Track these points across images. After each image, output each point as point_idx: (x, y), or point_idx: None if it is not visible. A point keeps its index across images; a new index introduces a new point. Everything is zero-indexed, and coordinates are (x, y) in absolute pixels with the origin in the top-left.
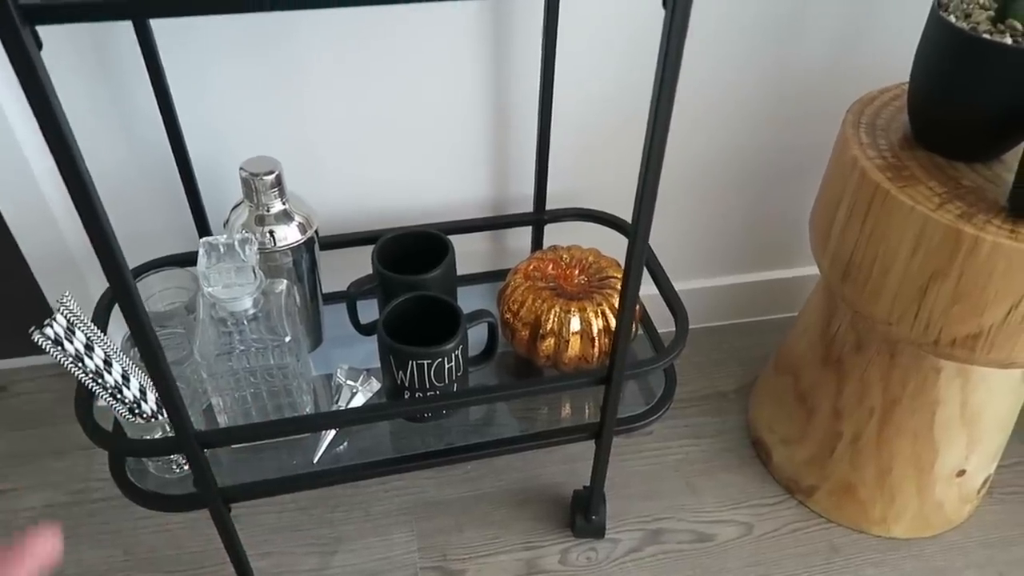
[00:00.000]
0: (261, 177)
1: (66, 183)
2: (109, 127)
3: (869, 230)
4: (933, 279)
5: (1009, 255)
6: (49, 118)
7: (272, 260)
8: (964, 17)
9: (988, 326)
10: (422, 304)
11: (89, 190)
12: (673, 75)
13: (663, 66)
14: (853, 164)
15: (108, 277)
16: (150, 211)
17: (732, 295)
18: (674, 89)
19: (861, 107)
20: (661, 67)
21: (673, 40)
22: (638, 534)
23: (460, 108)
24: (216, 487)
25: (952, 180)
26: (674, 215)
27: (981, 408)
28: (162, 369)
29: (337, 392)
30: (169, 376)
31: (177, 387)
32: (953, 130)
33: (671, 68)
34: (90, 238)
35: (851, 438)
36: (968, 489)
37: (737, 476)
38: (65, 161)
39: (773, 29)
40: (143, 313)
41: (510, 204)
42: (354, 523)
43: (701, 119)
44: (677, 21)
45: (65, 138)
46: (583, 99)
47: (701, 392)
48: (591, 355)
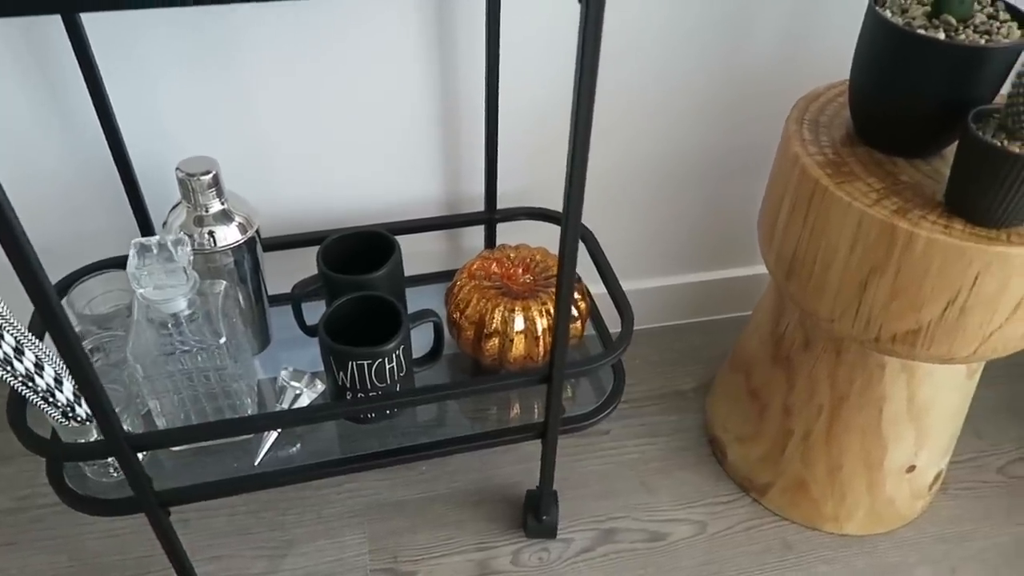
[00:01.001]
0: (198, 177)
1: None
2: (47, 126)
3: (810, 227)
4: (872, 275)
5: (944, 250)
6: None
7: (212, 261)
8: (900, 12)
9: (927, 322)
10: (367, 304)
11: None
12: (592, 71)
13: (581, 64)
14: (794, 161)
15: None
16: (92, 211)
17: (690, 294)
18: (594, 82)
19: (806, 104)
20: (579, 63)
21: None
22: (591, 534)
23: (407, 107)
24: (152, 491)
25: (891, 176)
26: (630, 214)
27: (928, 403)
28: (84, 368)
29: (281, 394)
30: (93, 375)
31: (104, 391)
32: (892, 126)
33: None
34: (7, 254)
35: (802, 435)
36: (919, 485)
37: (693, 475)
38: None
39: (720, 27)
40: (62, 314)
41: (464, 203)
42: (305, 526)
43: (652, 118)
44: (592, 14)
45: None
46: (531, 97)
47: (659, 391)
48: (536, 354)
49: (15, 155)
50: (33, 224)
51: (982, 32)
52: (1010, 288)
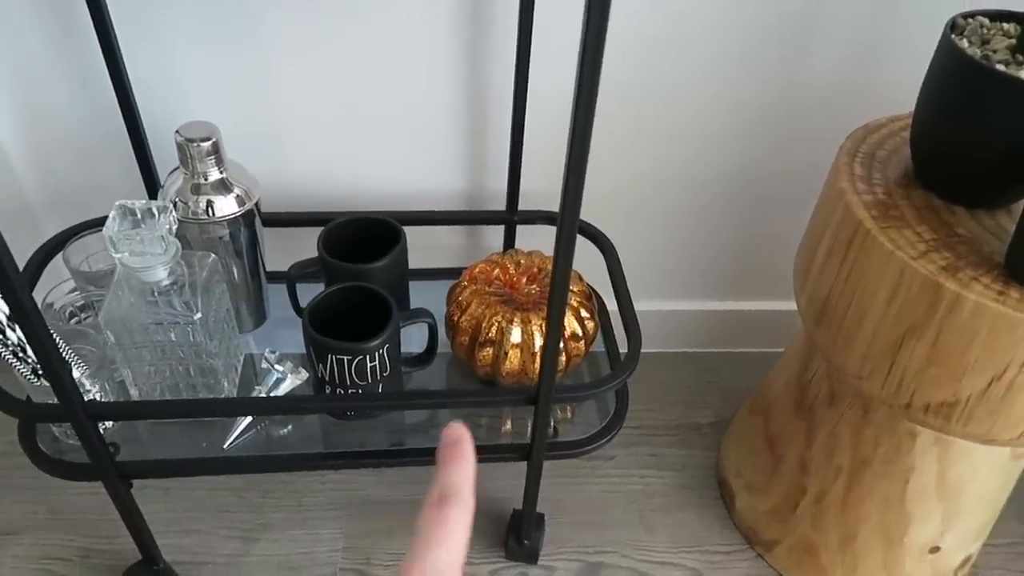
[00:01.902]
0: (197, 143)
1: None
2: (59, 69)
3: (847, 272)
4: (908, 335)
5: (995, 319)
6: None
7: (207, 232)
8: (980, 43)
9: (966, 395)
10: (361, 296)
11: None
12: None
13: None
14: (839, 197)
15: None
16: (102, 162)
17: (722, 321)
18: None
19: (864, 134)
20: (584, 39)
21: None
22: (575, 565)
23: (433, 90)
24: (112, 461)
25: (946, 226)
26: (663, 229)
27: (961, 482)
28: (37, 332)
29: (263, 376)
30: (48, 340)
31: (57, 349)
32: (956, 170)
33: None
34: None
35: (816, 495)
36: (943, 568)
37: (695, 517)
38: None
39: (777, 35)
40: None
41: (487, 200)
42: (283, 512)
43: (691, 126)
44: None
45: None
46: (561, 94)
47: (674, 421)
48: (532, 370)
49: (26, 97)
50: (43, 169)
51: None
52: None
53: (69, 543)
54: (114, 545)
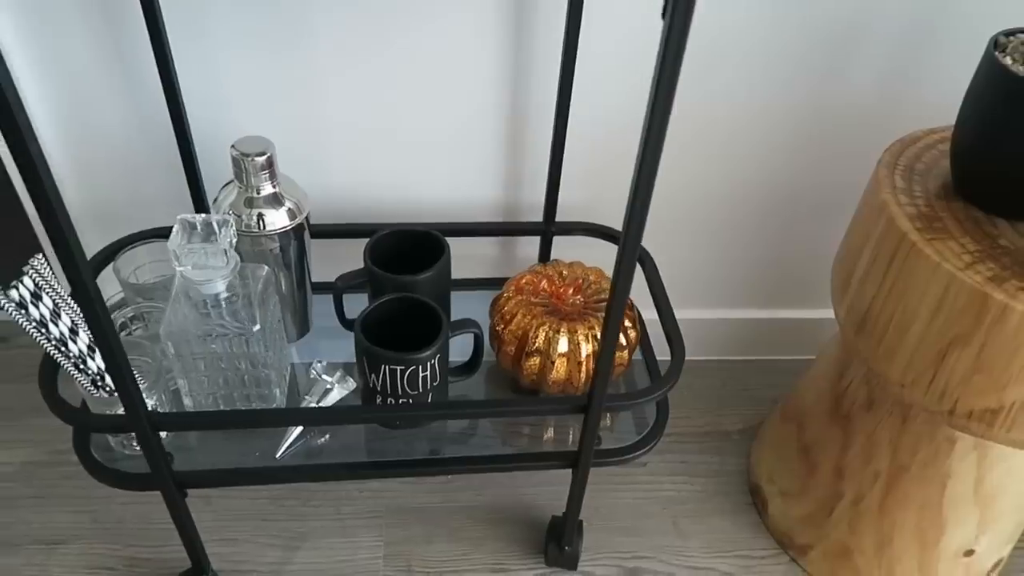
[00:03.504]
0: (252, 158)
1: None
2: (109, 83)
3: (891, 282)
4: (954, 344)
5: None
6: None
7: (258, 244)
8: (1023, 61)
9: (1010, 402)
10: (408, 306)
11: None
12: (669, 90)
13: (658, 80)
14: (882, 209)
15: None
16: (149, 175)
17: (748, 330)
18: (670, 103)
19: (902, 147)
20: (656, 81)
21: (670, 52)
22: (614, 571)
23: (475, 105)
24: (170, 471)
25: (989, 238)
26: (692, 239)
27: (998, 488)
28: (111, 346)
29: (312, 386)
30: (120, 354)
31: (129, 365)
32: (998, 183)
33: (667, 82)
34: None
35: (852, 500)
36: (976, 571)
37: (729, 523)
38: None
39: (819, 50)
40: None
41: (522, 211)
42: (323, 520)
43: (729, 138)
44: (675, 32)
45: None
46: (602, 109)
47: (704, 428)
48: (578, 379)
49: (76, 111)
50: (88, 182)
51: None
52: None
53: (115, 552)
54: (160, 554)
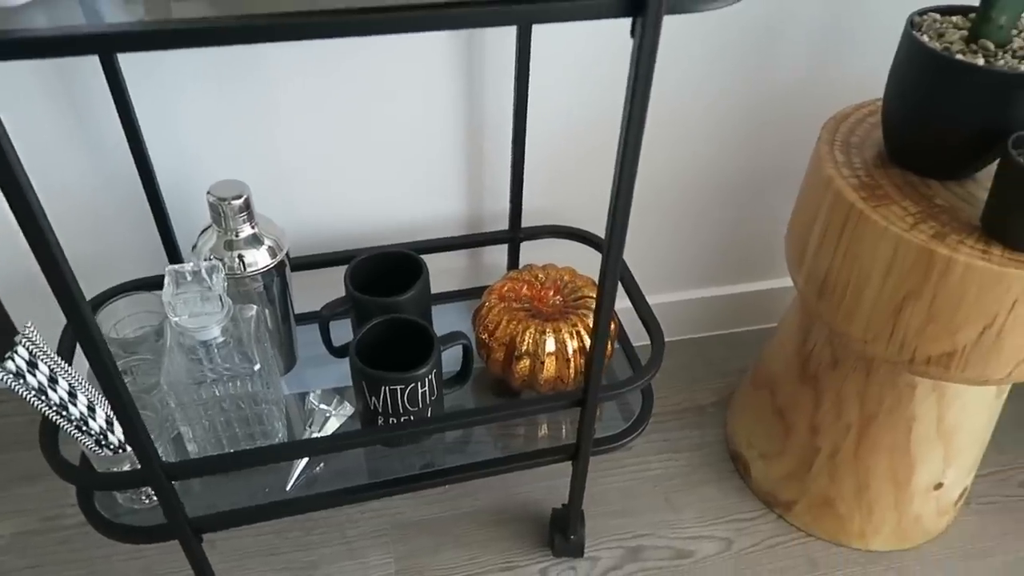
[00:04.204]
0: (229, 202)
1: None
2: (74, 147)
3: (844, 249)
4: (907, 299)
5: (981, 276)
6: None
7: (242, 285)
8: (937, 37)
9: (962, 345)
10: (395, 326)
11: (43, 228)
12: (642, 104)
13: (632, 93)
14: (828, 183)
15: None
16: (119, 233)
17: (711, 307)
18: (644, 113)
19: (836, 124)
20: (631, 93)
21: (642, 68)
22: (618, 552)
23: (433, 126)
24: (186, 518)
25: (926, 199)
26: (651, 229)
27: (957, 423)
28: (125, 405)
29: (310, 416)
30: (133, 411)
31: (142, 421)
32: (927, 149)
33: (640, 96)
34: (46, 276)
35: (829, 453)
36: (945, 502)
37: (716, 491)
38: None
39: (750, 44)
40: (105, 352)
41: (486, 221)
42: (331, 546)
43: (677, 133)
44: (646, 49)
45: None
46: (558, 118)
47: (680, 405)
48: (567, 376)
49: (38, 169)
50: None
51: (1020, 57)
52: None
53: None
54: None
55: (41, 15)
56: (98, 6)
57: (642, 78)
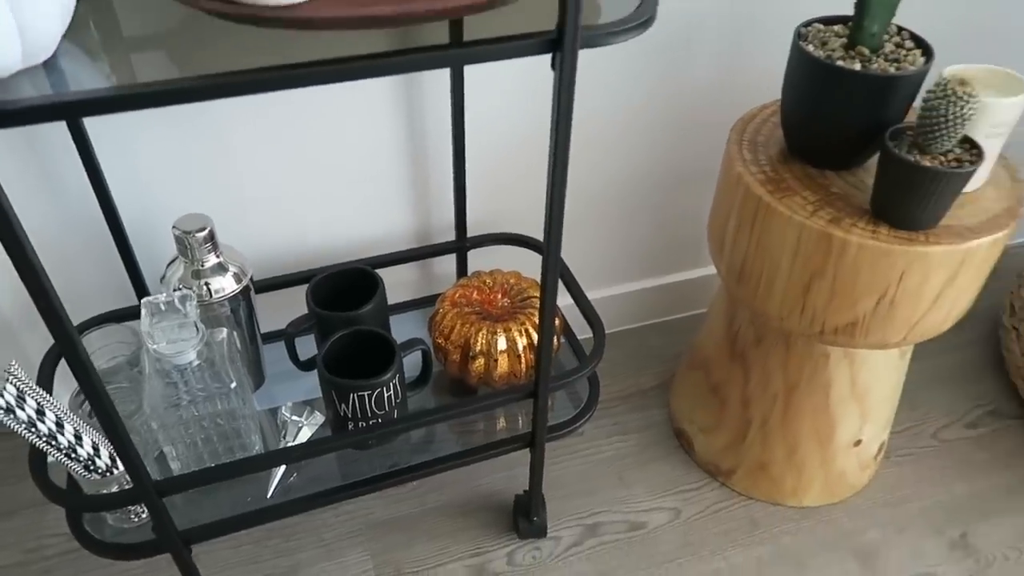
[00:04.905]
0: (194, 234)
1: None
2: (37, 191)
3: (756, 239)
4: (813, 278)
5: (873, 253)
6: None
7: (211, 311)
8: (821, 45)
9: (862, 315)
10: (358, 338)
11: (32, 260)
12: (566, 126)
13: (557, 117)
14: (738, 180)
15: (64, 353)
16: (86, 271)
17: (646, 298)
18: (568, 135)
19: (743, 125)
20: (555, 118)
21: (563, 95)
22: (577, 529)
23: (380, 151)
24: (176, 531)
25: (823, 188)
26: (589, 230)
27: (868, 384)
28: (116, 427)
29: (284, 428)
30: (124, 433)
31: (132, 442)
32: (820, 144)
33: (564, 119)
34: (38, 308)
35: (760, 423)
36: (865, 456)
37: (664, 466)
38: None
39: (666, 58)
40: (95, 377)
41: (435, 233)
42: (309, 550)
43: (606, 140)
44: (565, 76)
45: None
46: (495, 135)
47: (627, 390)
48: (519, 370)
49: None
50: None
51: (892, 60)
52: (930, 282)
53: None
54: None
55: (26, 83)
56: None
57: (564, 104)
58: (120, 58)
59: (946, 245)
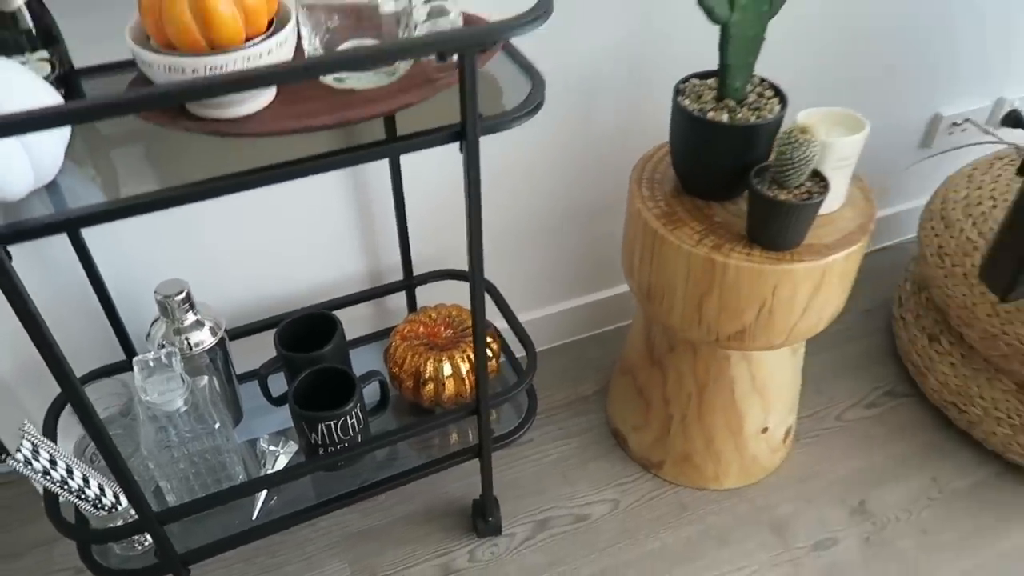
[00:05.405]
0: (173, 298)
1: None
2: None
3: (656, 264)
4: (704, 296)
5: (750, 273)
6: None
7: (192, 362)
8: (696, 99)
9: (748, 324)
10: (322, 375)
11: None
12: (476, 193)
13: (468, 186)
14: (638, 215)
15: (71, 401)
16: (77, 329)
17: (580, 314)
18: (479, 199)
19: (643, 164)
20: (467, 187)
21: (471, 171)
22: (530, 525)
23: (331, 207)
24: (176, 555)
25: (708, 218)
26: (523, 258)
27: (767, 379)
28: (120, 466)
29: (263, 457)
30: (127, 471)
31: (135, 480)
32: (702, 181)
33: (474, 187)
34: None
35: (680, 419)
36: (774, 441)
37: (603, 463)
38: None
39: (574, 107)
40: (98, 420)
41: (386, 272)
42: (293, 563)
43: (530, 177)
44: (471, 157)
45: (26, 304)
46: (431, 184)
47: (568, 398)
48: (464, 391)
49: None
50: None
51: (754, 109)
52: (799, 293)
53: None
54: None
55: (37, 202)
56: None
57: (473, 177)
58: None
59: (808, 262)
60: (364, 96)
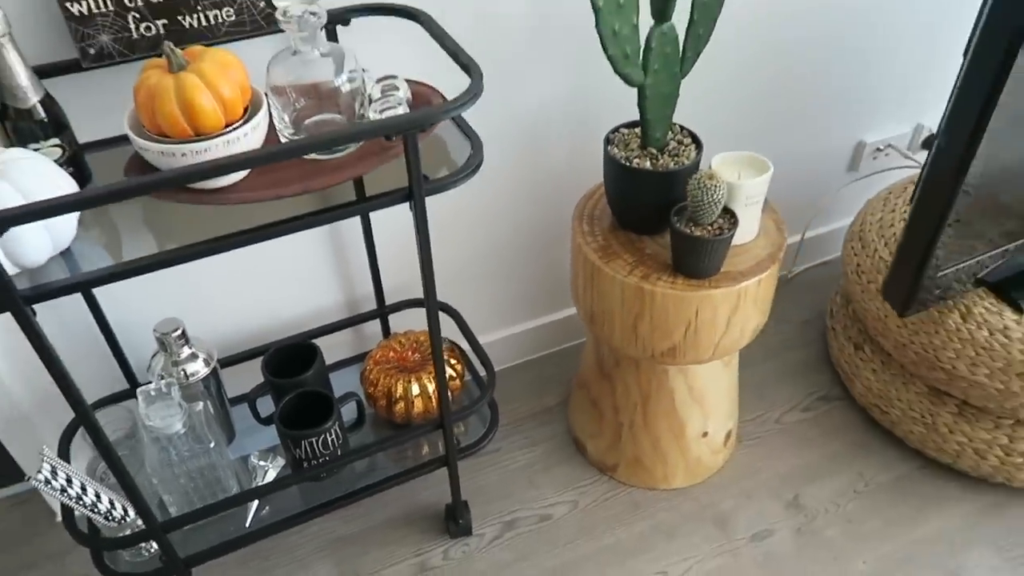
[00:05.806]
0: (170, 335)
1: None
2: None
3: (596, 292)
4: (637, 319)
5: (674, 299)
6: (41, 345)
7: (189, 389)
8: (624, 146)
9: (677, 342)
10: (305, 397)
11: (55, 358)
12: (427, 248)
13: (419, 235)
14: (579, 249)
15: (84, 424)
16: (84, 362)
17: (542, 333)
18: (429, 252)
19: (584, 201)
20: (418, 240)
21: (421, 224)
22: (498, 526)
23: (308, 248)
24: (179, 558)
25: (639, 250)
26: (482, 286)
27: (703, 389)
28: (128, 481)
29: (254, 471)
30: (135, 486)
31: (142, 493)
32: (632, 218)
33: (424, 242)
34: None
35: (629, 426)
36: (715, 444)
37: (565, 468)
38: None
39: (524, 149)
40: (107, 440)
41: (361, 301)
42: (285, 566)
43: (486, 214)
44: (419, 214)
45: (49, 352)
46: (399, 222)
47: (533, 410)
48: (432, 408)
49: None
50: (31, 382)
51: (673, 155)
52: (718, 315)
53: None
54: None
55: (55, 266)
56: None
57: (423, 231)
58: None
59: (724, 288)
60: (328, 165)
